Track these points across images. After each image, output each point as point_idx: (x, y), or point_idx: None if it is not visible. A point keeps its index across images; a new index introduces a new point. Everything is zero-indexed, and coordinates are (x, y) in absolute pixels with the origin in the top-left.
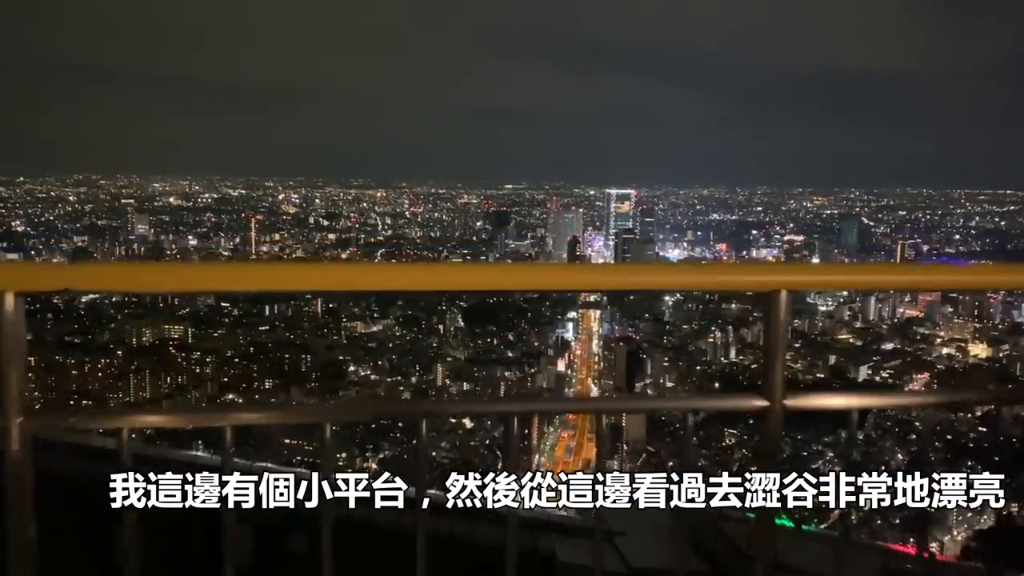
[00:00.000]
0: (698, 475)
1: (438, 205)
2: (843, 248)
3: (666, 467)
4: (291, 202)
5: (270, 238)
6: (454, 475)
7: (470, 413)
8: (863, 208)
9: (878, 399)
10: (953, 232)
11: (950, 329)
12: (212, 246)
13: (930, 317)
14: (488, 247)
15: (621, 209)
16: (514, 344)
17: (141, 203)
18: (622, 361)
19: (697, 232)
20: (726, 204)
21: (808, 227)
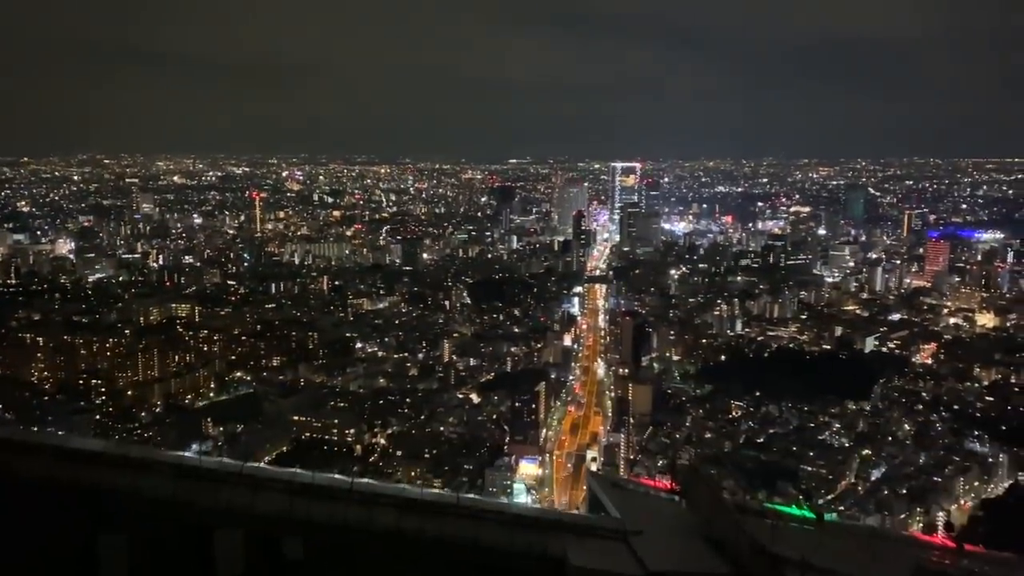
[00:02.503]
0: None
1: (442, 181)
2: (850, 219)
3: (672, 440)
4: (295, 179)
5: (275, 215)
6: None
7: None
8: (869, 178)
9: None
10: (960, 201)
11: (957, 299)
12: (217, 224)
13: (937, 287)
14: (493, 223)
15: (626, 183)
16: (520, 319)
17: (145, 182)
18: (628, 335)
19: (703, 205)
20: (732, 176)
21: (814, 198)
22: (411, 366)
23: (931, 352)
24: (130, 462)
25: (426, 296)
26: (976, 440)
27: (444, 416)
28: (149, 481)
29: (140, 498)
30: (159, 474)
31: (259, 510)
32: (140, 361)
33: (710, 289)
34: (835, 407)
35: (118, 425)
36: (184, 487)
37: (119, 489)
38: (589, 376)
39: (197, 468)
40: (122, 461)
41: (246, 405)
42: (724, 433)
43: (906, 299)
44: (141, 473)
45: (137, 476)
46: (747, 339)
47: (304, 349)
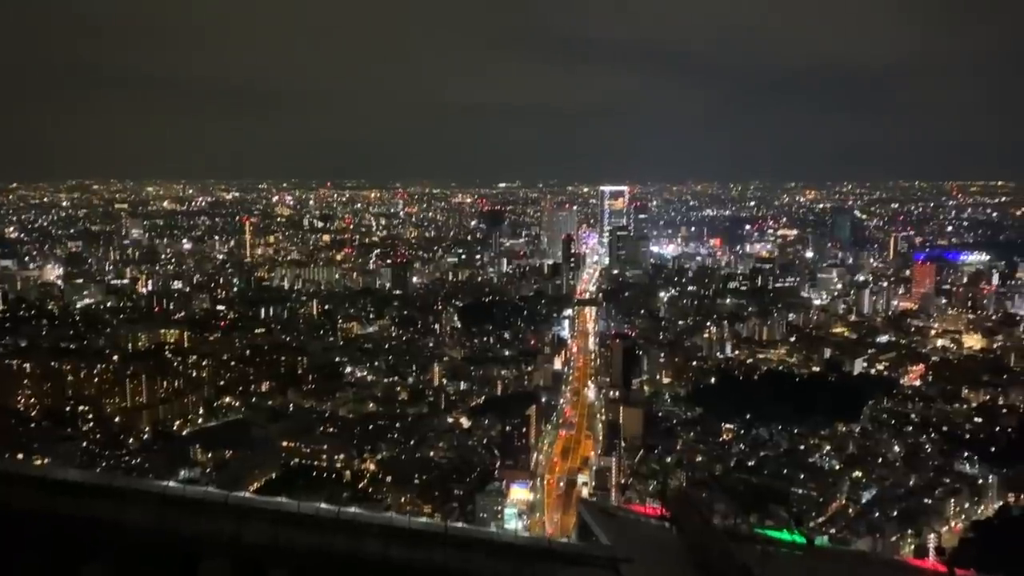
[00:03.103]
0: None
1: (432, 205)
2: (837, 242)
3: (663, 464)
4: (285, 204)
5: (265, 240)
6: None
7: None
8: (856, 201)
9: None
10: (946, 224)
11: (944, 321)
12: (207, 249)
13: (924, 309)
14: (483, 246)
15: (615, 206)
16: (511, 343)
17: (135, 208)
18: (618, 358)
19: (691, 228)
20: (719, 200)
21: (802, 221)
22: (401, 390)
23: (919, 374)
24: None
25: (416, 320)
26: (966, 461)
27: (434, 441)
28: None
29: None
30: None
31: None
32: (128, 387)
33: (699, 312)
34: (825, 429)
35: (105, 453)
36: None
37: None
38: (580, 399)
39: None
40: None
41: (235, 431)
42: (715, 456)
43: (894, 321)
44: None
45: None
46: (737, 361)
47: (293, 374)
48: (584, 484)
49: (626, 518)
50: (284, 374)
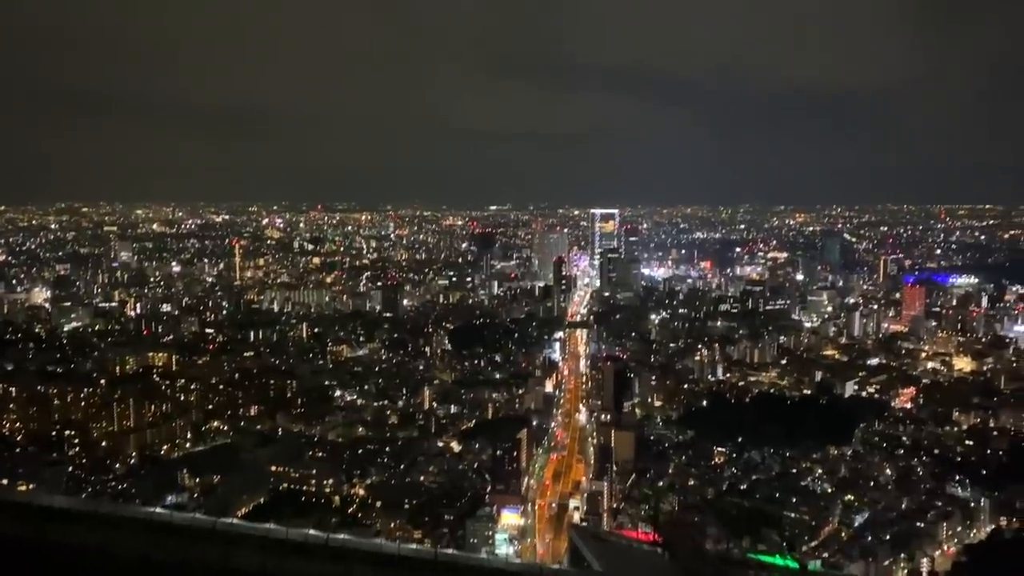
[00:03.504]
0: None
1: (423, 227)
2: (827, 264)
3: (655, 488)
4: (275, 227)
5: (254, 263)
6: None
7: None
8: (845, 224)
9: None
10: (934, 247)
11: (934, 343)
12: (196, 272)
13: (914, 332)
14: (474, 268)
15: (606, 229)
16: (502, 365)
17: (124, 230)
18: (610, 381)
19: (681, 250)
20: (710, 222)
21: (791, 244)
22: (391, 414)
23: (910, 396)
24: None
25: (406, 343)
26: (958, 485)
27: (424, 465)
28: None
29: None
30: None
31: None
32: (115, 412)
33: (690, 334)
34: (817, 452)
35: (91, 478)
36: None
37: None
38: (571, 422)
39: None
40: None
41: (223, 456)
42: (707, 480)
43: (884, 344)
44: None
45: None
46: (728, 384)
47: (282, 398)
48: (576, 509)
49: (618, 543)
50: (273, 398)
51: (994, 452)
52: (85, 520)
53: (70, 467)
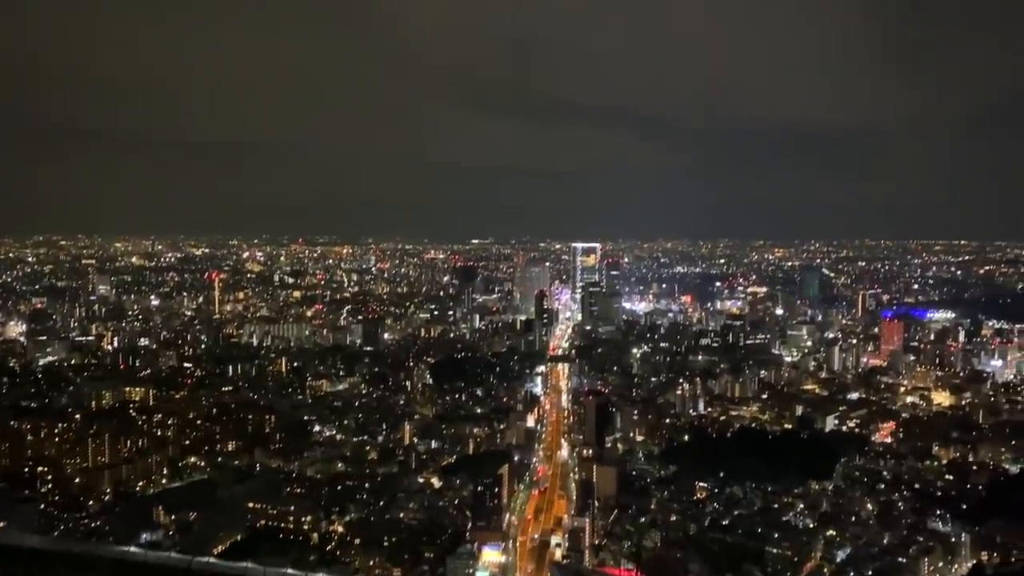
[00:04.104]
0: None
1: (405, 261)
2: (805, 299)
3: (638, 524)
4: (256, 260)
5: (234, 297)
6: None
7: None
8: (823, 259)
9: None
10: (912, 282)
11: (913, 378)
12: (175, 306)
13: (893, 366)
14: (456, 302)
15: (587, 262)
16: (483, 400)
17: (102, 263)
18: (592, 415)
19: (662, 285)
20: (689, 257)
21: (771, 279)
22: (371, 450)
23: (890, 431)
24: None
25: (387, 377)
26: (938, 519)
27: (404, 502)
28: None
29: None
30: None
31: None
32: (90, 447)
33: (672, 368)
34: (798, 487)
35: (64, 515)
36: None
37: None
38: (553, 457)
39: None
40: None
41: (199, 492)
42: (689, 516)
43: (863, 378)
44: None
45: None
46: (710, 419)
47: (261, 433)
48: (557, 545)
49: None
50: (251, 433)
51: (974, 487)
52: (56, 560)
53: (42, 504)
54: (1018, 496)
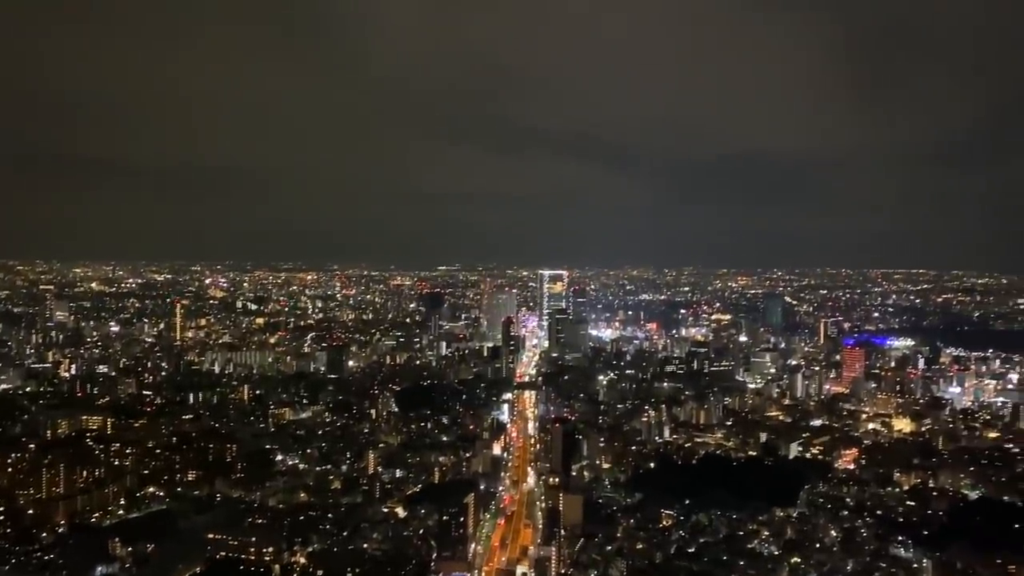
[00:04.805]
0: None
1: (371, 287)
2: (768, 326)
3: (604, 552)
4: (218, 286)
5: (196, 323)
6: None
7: None
8: (786, 287)
9: None
10: (872, 310)
11: (874, 405)
12: (135, 332)
13: (855, 393)
14: (422, 329)
15: (554, 290)
16: (449, 427)
17: (61, 289)
18: (558, 443)
19: (628, 312)
20: (655, 284)
21: (734, 306)
22: (334, 479)
23: (852, 457)
24: None
25: (351, 405)
26: (901, 545)
27: (368, 532)
28: None
29: None
30: None
31: None
32: (44, 477)
33: (638, 395)
34: (763, 514)
35: (16, 548)
36: None
37: None
38: (519, 485)
39: None
40: None
41: (158, 522)
42: (655, 544)
43: (826, 405)
44: None
45: None
46: (675, 446)
47: (222, 462)
48: (523, 575)
49: None
50: (212, 462)
51: (934, 512)
52: None
53: None
54: (977, 522)
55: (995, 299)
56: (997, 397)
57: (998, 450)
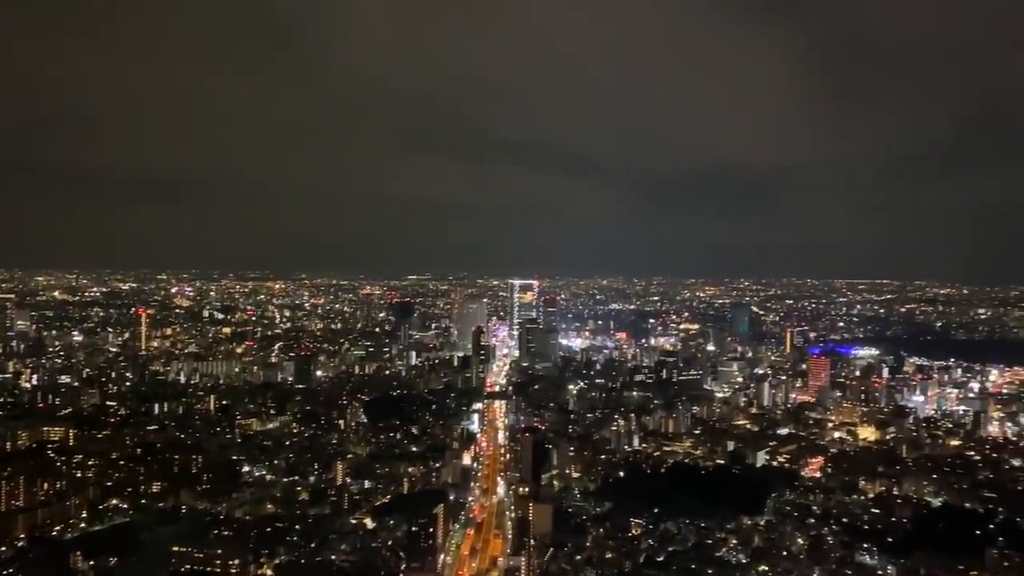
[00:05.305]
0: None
1: (340, 297)
2: (736, 336)
3: (573, 562)
4: (185, 295)
5: (161, 333)
6: None
7: None
8: (753, 297)
9: None
10: (837, 319)
11: (840, 413)
12: (99, 342)
13: (821, 402)
14: (391, 339)
15: (525, 299)
16: (418, 438)
17: (22, 298)
18: (528, 452)
19: (598, 321)
20: (624, 294)
21: (703, 316)
22: (302, 490)
23: (819, 465)
24: None
25: (319, 415)
26: (866, 552)
27: (336, 543)
28: None
29: None
30: None
31: None
32: (3, 490)
33: (607, 404)
34: (731, 522)
35: None
36: None
37: None
38: (489, 495)
39: None
40: None
41: (121, 535)
42: (624, 552)
43: (792, 413)
44: None
45: None
46: (644, 454)
47: (187, 473)
48: None
49: None
50: (177, 473)
51: (899, 519)
52: None
53: None
54: (940, 528)
55: (957, 309)
56: (959, 405)
57: (960, 458)
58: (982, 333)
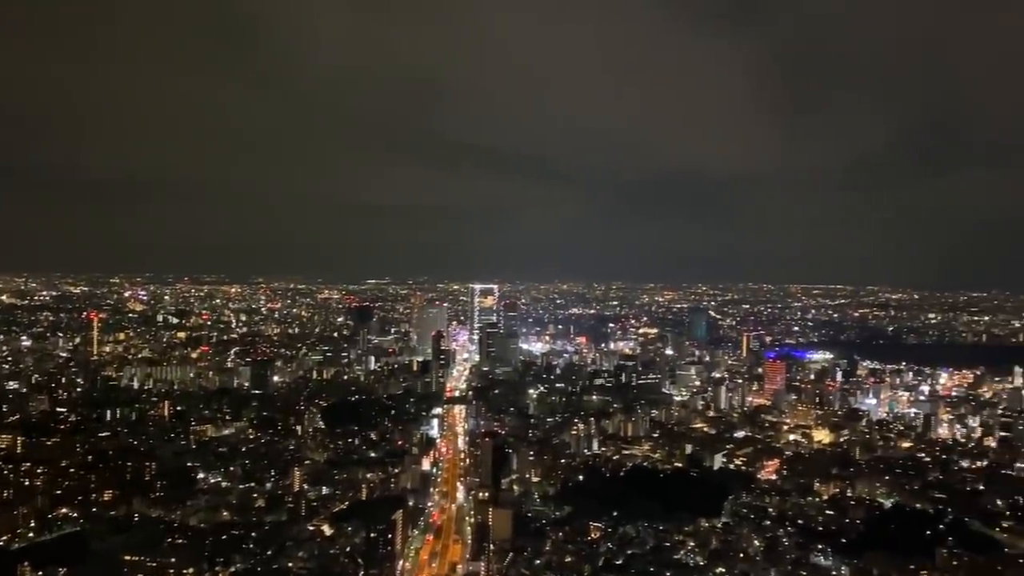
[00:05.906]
0: None
1: (297, 301)
2: (694, 340)
3: (533, 567)
4: (138, 299)
5: (114, 337)
6: None
7: None
8: (710, 302)
9: None
10: (792, 324)
11: (795, 416)
12: (49, 347)
13: (777, 405)
14: (350, 343)
15: (485, 304)
16: (377, 443)
17: None
18: (488, 457)
19: (558, 326)
20: (584, 299)
21: (661, 320)
22: (258, 497)
23: (774, 468)
24: None
25: (276, 421)
26: (820, 554)
27: (293, 550)
28: None
29: None
30: None
31: None
32: None
33: (567, 408)
34: (689, 525)
35: None
36: None
37: None
38: (449, 501)
39: None
40: None
41: (71, 545)
42: (584, 556)
43: (749, 417)
44: None
45: None
46: (603, 458)
47: (140, 481)
48: None
49: None
50: (129, 481)
51: (852, 521)
52: None
53: None
54: (892, 529)
55: (908, 314)
56: (910, 408)
57: (911, 459)
58: (932, 337)
